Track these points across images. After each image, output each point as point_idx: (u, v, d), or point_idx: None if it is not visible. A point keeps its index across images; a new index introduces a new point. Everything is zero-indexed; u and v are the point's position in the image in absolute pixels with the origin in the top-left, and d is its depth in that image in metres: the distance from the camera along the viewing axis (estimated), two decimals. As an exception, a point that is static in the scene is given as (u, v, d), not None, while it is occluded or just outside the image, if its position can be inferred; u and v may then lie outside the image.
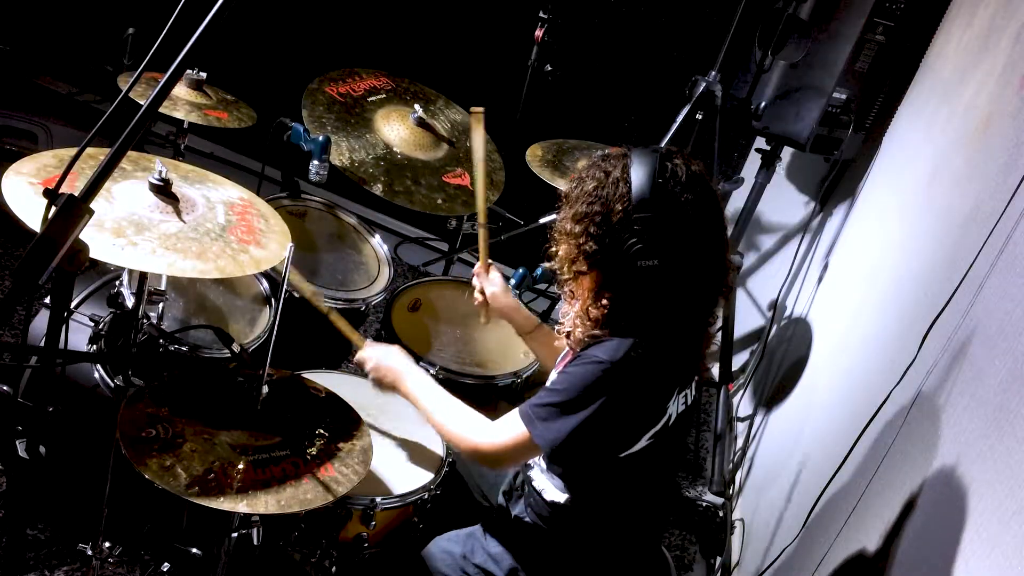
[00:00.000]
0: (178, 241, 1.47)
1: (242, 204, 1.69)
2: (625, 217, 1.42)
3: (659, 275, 1.42)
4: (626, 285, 1.46)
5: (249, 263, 1.53)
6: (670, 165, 1.44)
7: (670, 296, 1.46)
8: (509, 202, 2.77)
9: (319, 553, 1.77)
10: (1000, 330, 1.35)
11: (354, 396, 1.76)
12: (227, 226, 1.58)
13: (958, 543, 1.22)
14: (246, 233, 1.59)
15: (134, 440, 1.42)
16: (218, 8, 1.06)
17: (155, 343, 1.83)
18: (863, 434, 1.77)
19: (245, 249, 1.55)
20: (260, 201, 1.75)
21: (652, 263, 1.41)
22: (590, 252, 1.46)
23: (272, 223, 1.68)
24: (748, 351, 3.47)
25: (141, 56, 1.28)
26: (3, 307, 1.09)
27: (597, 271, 1.48)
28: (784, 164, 3.33)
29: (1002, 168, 1.63)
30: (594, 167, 1.50)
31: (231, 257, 1.50)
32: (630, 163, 1.45)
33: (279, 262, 1.59)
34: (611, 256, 1.44)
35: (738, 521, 2.72)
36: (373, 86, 2.47)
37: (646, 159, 1.44)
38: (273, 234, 1.65)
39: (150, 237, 1.44)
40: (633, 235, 1.41)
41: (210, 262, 1.46)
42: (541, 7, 2.97)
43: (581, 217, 1.47)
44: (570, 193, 1.52)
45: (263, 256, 1.56)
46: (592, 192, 1.46)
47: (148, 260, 1.41)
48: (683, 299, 1.48)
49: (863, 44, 2.71)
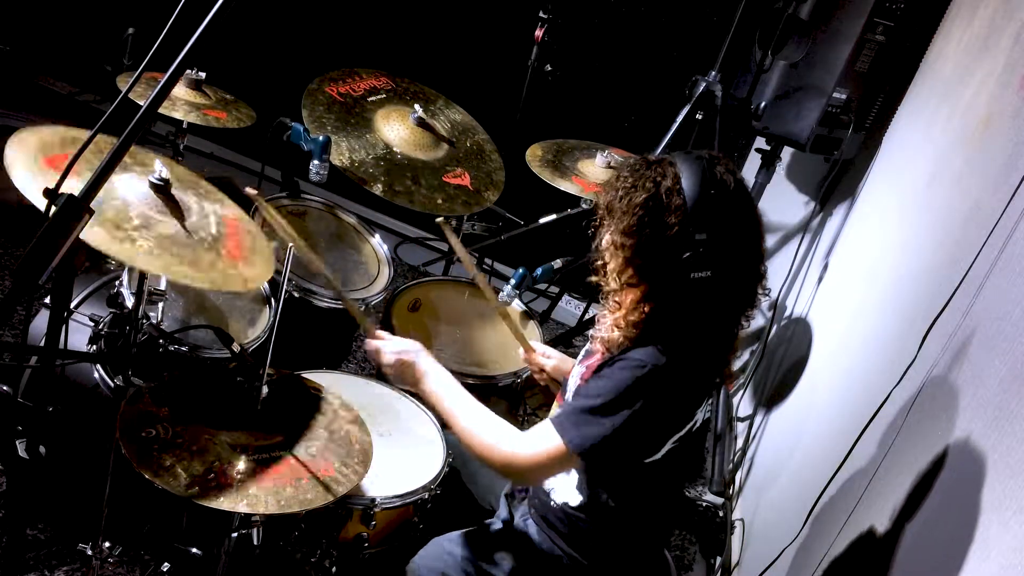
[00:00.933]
0: (173, 245, 1.45)
1: (234, 219, 1.66)
2: (681, 230, 1.39)
3: (710, 285, 1.41)
4: (675, 294, 1.44)
5: (236, 279, 1.49)
6: (718, 174, 1.42)
7: (716, 305, 1.45)
8: (509, 202, 2.77)
9: (319, 553, 1.77)
10: (1000, 330, 1.35)
11: (355, 396, 1.76)
12: (219, 237, 1.56)
13: (958, 543, 1.22)
14: (235, 248, 1.57)
15: (134, 440, 1.42)
16: (218, 8, 1.06)
17: (155, 343, 1.83)
18: (863, 434, 1.77)
19: (234, 265, 1.52)
20: (246, 218, 1.71)
21: (705, 274, 1.40)
22: (643, 265, 1.44)
23: (260, 244, 1.65)
24: (748, 351, 3.47)
25: (141, 56, 1.28)
26: (3, 307, 1.09)
27: (646, 282, 1.46)
28: (784, 164, 3.33)
29: (1002, 168, 1.63)
30: (639, 176, 1.45)
31: (221, 271, 1.48)
32: (679, 172, 1.42)
33: (270, 275, 1.58)
34: (664, 268, 1.42)
35: (738, 521, 2.72)
36: (373, 86, 2.47)
37: (694, 167, 1.42)
38: (259, 254, 1.61)
39: (148, 236, 1.43)
40: (688, 247, 1.39)
41: (202, 272, 1.44)
42: (541, 7, 2.97)
43: (633, 230, 1.43)
44: (615, 205, 1.46)
45: (249, 275, 1.53)
46: (643, 204, 1.42)
47: (146, 259, 1.39)
48: (726, 307, 1.47)
49: (863, 44, 2.71)
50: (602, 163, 2.50)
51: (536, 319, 2.52)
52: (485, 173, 2.47)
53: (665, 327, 1.46)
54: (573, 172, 2.46)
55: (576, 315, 3.72)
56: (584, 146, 2.67)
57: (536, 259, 2.55)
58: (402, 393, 2.08)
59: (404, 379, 1.64)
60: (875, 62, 2.73)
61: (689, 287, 1.41)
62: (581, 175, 2.47)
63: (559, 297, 3.47)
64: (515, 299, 2.49)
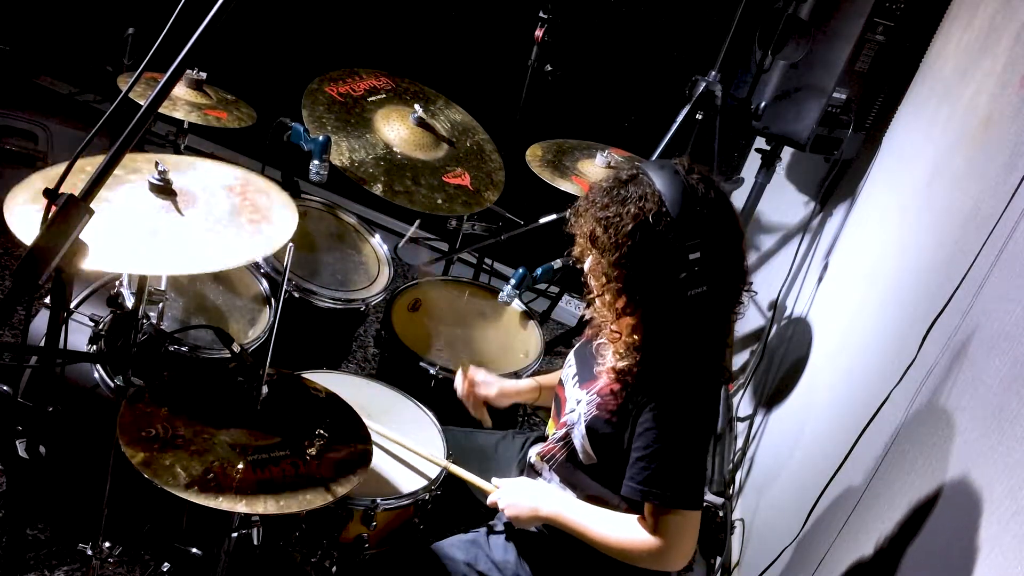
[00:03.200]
0: (201, 235, 1.46)
1: (239, 183, 1.66)
2: (674, 252, 1.38)
3: (706, 298, 1.41)
4: (672, 313, 1.43)
5: (265, 241, 1.51)
6: (695, 184, 1.41)
7: (711, 314, 1.45)
8: (509, 202, 2.77)
9: (319, 553, 1.76)
10: (1000, 330, 1.35)
11: (355, 396, 1.76)
12: (236, 209, 1.57)
13: (958, 543, 1.22)
14: (254, 212, 1.57)
15: (134, 440, 1.42)
16: (218, 8, 1.06)
17: (155, 343, 1.83)
18: (863, 434, 1.77)
19: (259, 229, 1.53)
20: (255, 176, 1.72)
21: (702, 289, 1.40)
22: (638, 292, 1.43)
23: (273, 196, 1.66)
24: (748, 351, 3.47)
25: (141, 56, 1.28)
26: (3, 307, 1.09)
27: (643, 307, 1.45)
28: (784, 164, 3.33)
29: (1002, 168, 1.63)
30: (619, 201, 1.42)
31: (257, 238, 1.49)
32: (658, 190, 1.39)
33: (296, 219, 1.59)
34: (661, 291, 1.41)
35: (738, 521, 2.71)
36: (373, 86, 2.47)
37: (673, 182, 1.40)
38: (279, 207, 1.63)
39: (174, 240, 1.44)
40: (683, 268, 1.38)
41: (241, 248, 1.46)
42: (541, 7, 2.97)
43: (623, 261, 1.41)
44: (599, 236, 1.44)
45: (277, 232, 1.54)
46: (631, 233, 1.39)
47: (178, 263, 1.41)
48: (720, 314, 1.47)
49: (863, 44, 2.71)
50: (602, 163, 2.50)
51: (536, 319, 2.52)
52: (485, 173, 2.47)
53: (667, 346, 1.47)
54: (573, 172, 2.46)
55: (576, 315, 3.72)
56: (584, 146, 2.67)
57: (536, 259, 2.55)
58: (402, 393, 2.08)
59: (523, 518, 1.62)
60: (875, 62, 2.73)
61: (686, 304, 1.41)
62: (581, 175, 2.47)
63: (559, 297, 3.47)
64: (515, 299, 2.49)
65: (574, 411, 1.61)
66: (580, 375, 1.68)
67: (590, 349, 1.67)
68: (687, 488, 1.45)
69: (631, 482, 1.48)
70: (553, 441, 1.68)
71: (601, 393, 1.56)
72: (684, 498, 1.45)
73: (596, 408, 1.56)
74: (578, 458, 1.61)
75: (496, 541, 1.72)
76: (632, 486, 1.47)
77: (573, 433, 1.60)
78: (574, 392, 1.66)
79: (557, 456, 1.66)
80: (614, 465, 1.54)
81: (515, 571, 1.65)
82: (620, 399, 1.51)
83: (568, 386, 1.70)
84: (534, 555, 1.67)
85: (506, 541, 1.71)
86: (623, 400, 1.51)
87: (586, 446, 1.58)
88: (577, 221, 1.51)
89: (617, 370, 1.52)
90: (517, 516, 1.61)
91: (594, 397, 1.57)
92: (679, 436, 1.45)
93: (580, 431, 1.58)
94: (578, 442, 1.59)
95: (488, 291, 2.59)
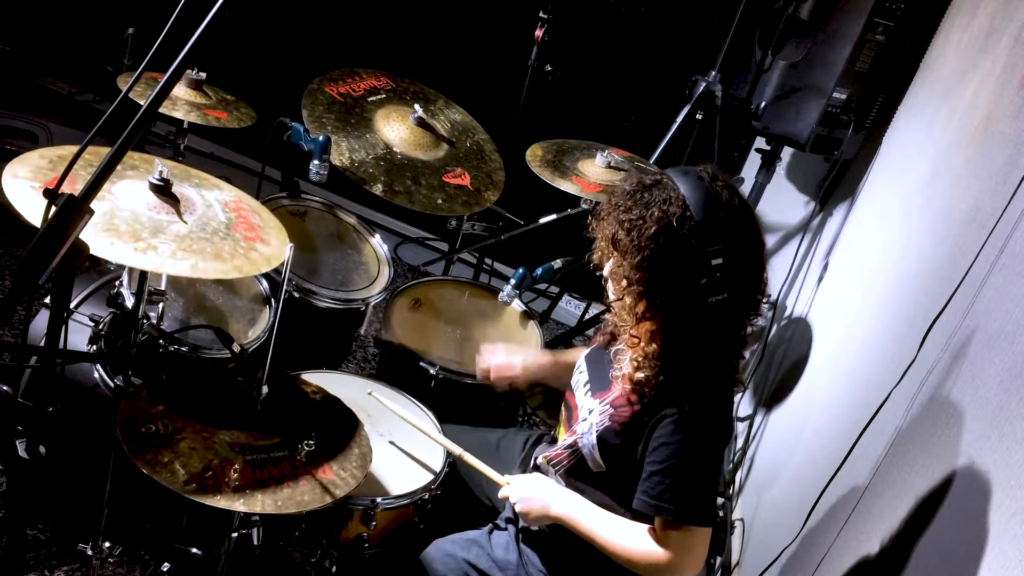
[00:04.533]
0: (192, 242, 1.46)
1: (235, 202, 1.68)
2: (697, 258, 1.38)
3: (726, 306, 1.41)
4: (692, 320, 1.43)
5: (260, 260, 1.51)
6: (720, 191, 1.41)
7: (730, 322, 1.45)
8: (509, 202, 2.77)
9: (319, 553, 1.77)
10: (1000, 330, 1.35)
11: (354, 397, 1.76)
12: (230, 224, 1.58)
13: (958, 543, 1.22)
14: (248, 231, 1.59)
15: (133, 436, 1.42)
16: (218, 8, 1.06)
17: (155, 343, 1.83)
18: (863, 434, 1.77)
19: (253, 247, 1.54)
20: (247, 196, 1.73)
21: (722, 297, 1.39)
22: (659, 297, 1.42)
23: (266, 217, 1.67)
24: (748, 351, 3.47)
25: (141, 56, 1.28)
26: (3, 307, 1.09)
27: (663, 312, 1.45)
28: (784, 164, 3.33)
29: (1002, 168, 1.63)
30: (643, 205, 1.42)
31: (244, 256, 1.50)
32: (683, 195, 1.39)
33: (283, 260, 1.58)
34: (682, 297, 1.41)
35: (738, 521, 2.71)
36: (373, 86, 2.47)
37: (697, 188, 1.40)
38: (271, 229, 1.64)
39: (165, 239, 1.44)
40: (705, 274, 1.38)
41: (227, 262, 1.46)
42: (541, 7, 2.97)
43: (646, 265, 1.41)
44: (621, 239, 1.43)
45: (270, 252, 1.55)
46: (654, 237, 1.39)
47: (170, 264, 1.41)
48: (738, 322, 1.47)
49: (863, 44, 2.71)
50: (602, 163, 2.50)
51: (536, 319, 2.52)
52: (485, 173, 2.47)
53: (686, 355, 1.46)
54: (573, 172, 2.46)
55: (576, 315, 3.72)
56: (584, 146, 2.67)
57: (536, 259, 2.55)
58: (402, 393, 2.08)
59: (533, 515, 1.61)
60: (875, 62, 2.73)
61: (706, 311, 1.40)
62: (581, 175, 2.47)
63: (559, 297, 3.47)
64: (515, 299, 2.49)
65: (586, 420, 1.61)
66: (592, 383, 1.67)
67: (607, 355, 1.66)
68: (701, 504, 1.45)
69: (644, 496, 1.47)
70: (561, 447, 1.67)
71: (615, 404, 1.55)
72: (697, 515, 1.45)
73: (609, 419, 1.55)
74: (586, 466, 1.61)
75: (497, 540, 1.71)
76: (645, 500, 1.47)
77: (582, 442, 1.60)
78: (586, 401, 1.65)
79: (564, 462, 1.66)
80: (622, 475, 1.53)
81: (516, 571, 1.65)
82: (635, 410, 1.51)
83: (579, 394, 1.69)
84: (534, 551, 1.67)
85: (510, 536, 1.71)
86: (638, 411, 1.50)
87: (595, 455, 1.57)
88: (598, 225, 1.51)
89: (634, 380, 1.50)
90: (527, 512, 1.61)
91: (607, 407, 1.57)
92: (696, 452, 1.44)
93: (591, 440, 1.58)
94: (587, 451, 1.59)
95: (488, 291, 2.59)
